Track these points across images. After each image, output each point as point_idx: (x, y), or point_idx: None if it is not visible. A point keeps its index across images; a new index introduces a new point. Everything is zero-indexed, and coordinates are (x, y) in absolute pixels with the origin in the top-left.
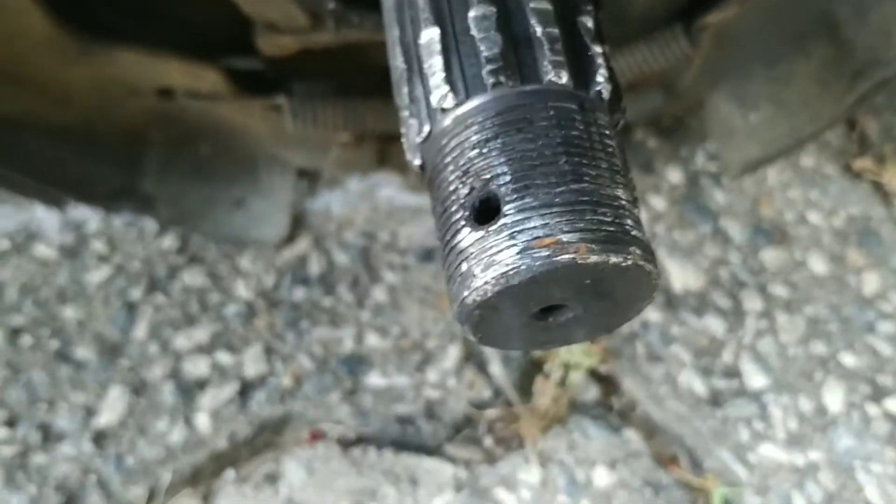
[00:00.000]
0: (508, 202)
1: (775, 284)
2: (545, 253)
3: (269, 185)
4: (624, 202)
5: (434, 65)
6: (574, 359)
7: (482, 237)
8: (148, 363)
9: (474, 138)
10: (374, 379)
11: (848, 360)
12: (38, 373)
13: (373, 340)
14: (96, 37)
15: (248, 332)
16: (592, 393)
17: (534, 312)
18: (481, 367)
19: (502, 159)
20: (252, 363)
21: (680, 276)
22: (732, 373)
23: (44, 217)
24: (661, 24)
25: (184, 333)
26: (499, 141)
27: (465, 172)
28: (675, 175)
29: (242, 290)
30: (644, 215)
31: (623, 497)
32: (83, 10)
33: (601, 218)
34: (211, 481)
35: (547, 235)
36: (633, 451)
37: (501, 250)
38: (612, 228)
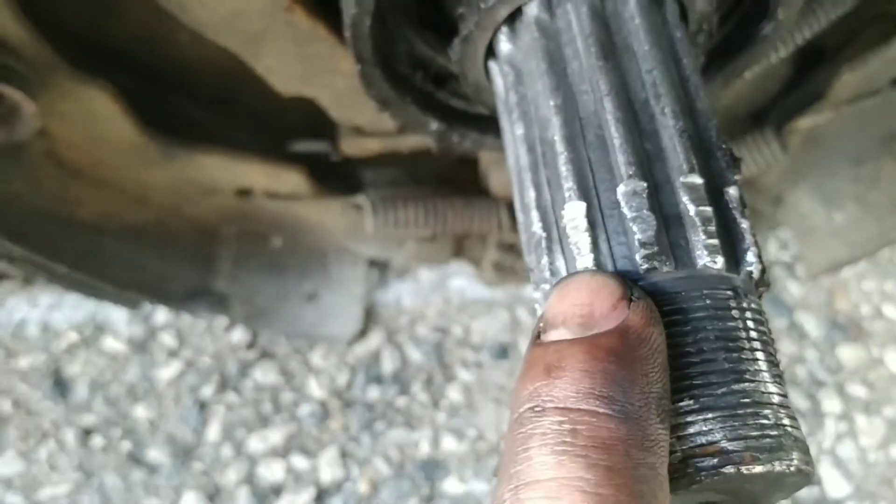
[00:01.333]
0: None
1: (853, 384)
2: (710, 463)
3: (341, 278)
4: (781, 398)
5: (581, 242)
6: None
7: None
8: (222, 467)
9: None
10: (452, 485)
11: None
12: (111, 476)
13: (449, 444)
14: (180, 141)
15: (323, 433)
16: None
17: None
18: None
19: None
20: (328, 467)
21: None
22: (812, 480)
23: (112, 308)
24: (746, 119)
25: (258, 435)
26: None
27: None
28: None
29: (315, 388)
30: None
31: None
32: (163, 105)
33: (763, 422)
34: None
35: (710, 443)
36: None
37: None
38: (774, 433)
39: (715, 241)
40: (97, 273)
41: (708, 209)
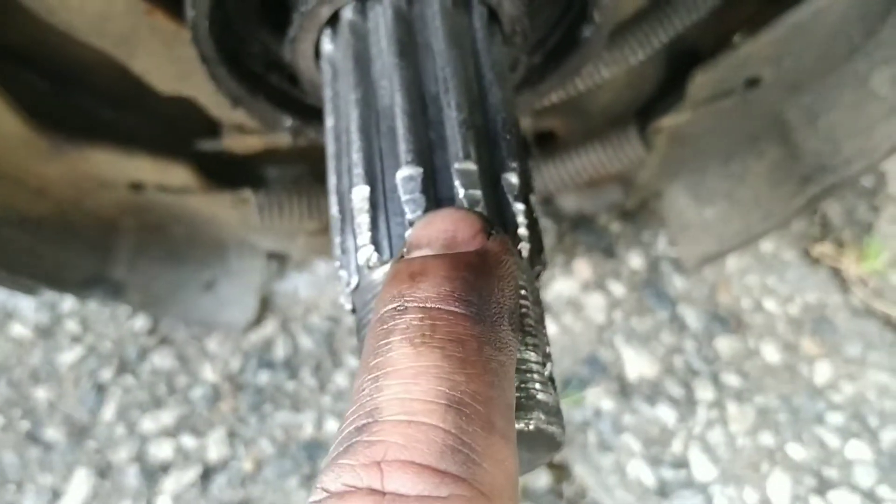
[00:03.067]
0: None
1: (728, 374)
2: None
3: (239, 268)
4: (532, 365)
5: (362, 222)
6: None
7: None
8: (114, 445)
9: None
10: None
11: (795, 451)
12: (8, 454)
13: (332, 426)
14: (70, 135)
15: (213, 415)
16: (544, 480)
17: None
18: None
19: None
20: (215, 447)
21: (635, 363)
22: (681, 463)
23: (20, 297)
24: (623, 120)
25: (151, 416)
26: None
27: None
28: (635, 260)
29: (209, 372)
30: (603, 301)
31: None
32: (56, 100)
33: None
34: None
35: None
36: None
37: None
38: (517, 394)
39: None
40: None
41: (477, 192)
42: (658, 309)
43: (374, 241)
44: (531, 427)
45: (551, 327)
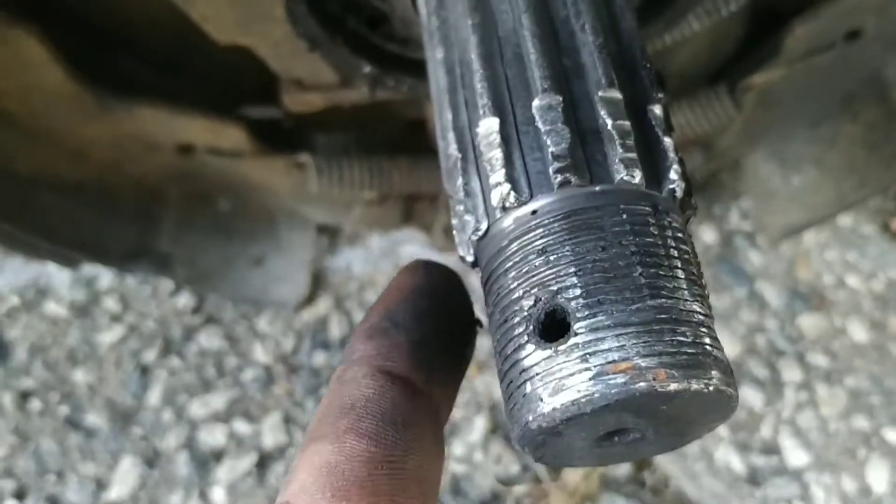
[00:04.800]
0: (580, 319)
1: (814, 353)
2: (621, 379)
3: (289, 243)
4: (702, 317)
5: (494, 158)
6: None
7: (549, 357)
8: (162, 432)
9: (539, 243)
10: None
11: (892, 435)
12: (47, 441)
13: None
14: (117, 92)
15: (267, 399)
16: (624, 468)
17: (601, 435)
18: (509, 439)
19: (571, 269)
20: (270, 433)
21: None
22: (771, 449)
23: (54, 272)
24: (702, 82)
25: (199, 400)
26: (567, 248)
27: (529, 281)
28: (708, 235)
29: (261, 353)
30: None
31: None
32: (104, 62)
33: (681, 339)
34: None
35: (623, 359)
36: None
37: (573, 374)
38: (692, 350)
39: (633, 156)
40: (31, 228)
41: (626, 123)
42: (735, 286)
43: (511, 179)
44: (710, 388)
45: None
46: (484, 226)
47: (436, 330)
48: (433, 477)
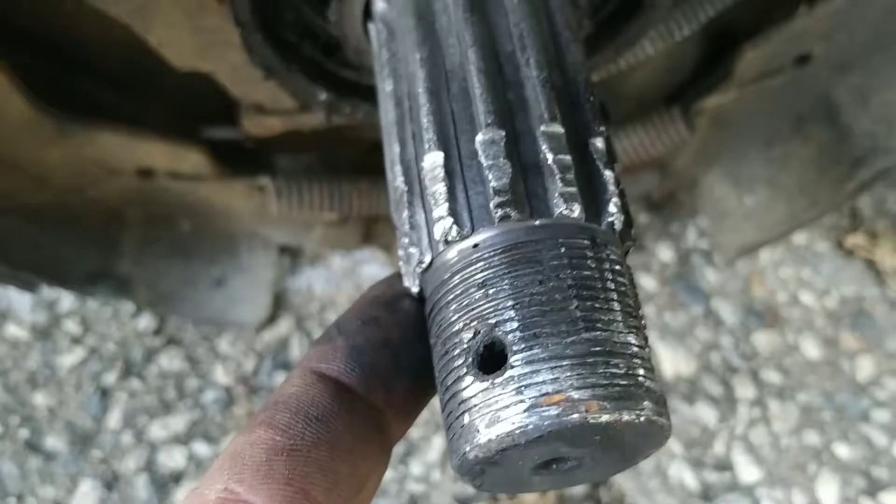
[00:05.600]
0: (516, 352)
1: (768, 370)
2: (554, 412)
3: (250, 264)
4: (636, 348)
5: (438, 192)
6: None
7: (487, 389)
8: (121, 454)
9: (480, 276)
10: None
11: (842, 451)
12: (7, 464)
13: None
14: (77, 117)
15: (227, 420)
16: (580, 487)
17: (539, 463)
18: None
19: (510, 303)
20: None
21: (671, 361)
22: (724, 465)
23: (15, 295)
24: (660, 103)
25: (159, 422)
26: (506, 282)
27: (469, 314)
28: (665, 253)
29: (221, 375)
30: None
31: None
32: (65, 86)
33: (614, 370)
34: None
35: (556, 392)
36: None
37: (508, 406)
38: (625, 382)
39: (573, 190)
40: None
41: (567, 158)
42: (692, 304)
43: (453, 213)
44: (642, 419)
45: None
46: (427, 258)
47: (382, 338)
48: (357, 474)
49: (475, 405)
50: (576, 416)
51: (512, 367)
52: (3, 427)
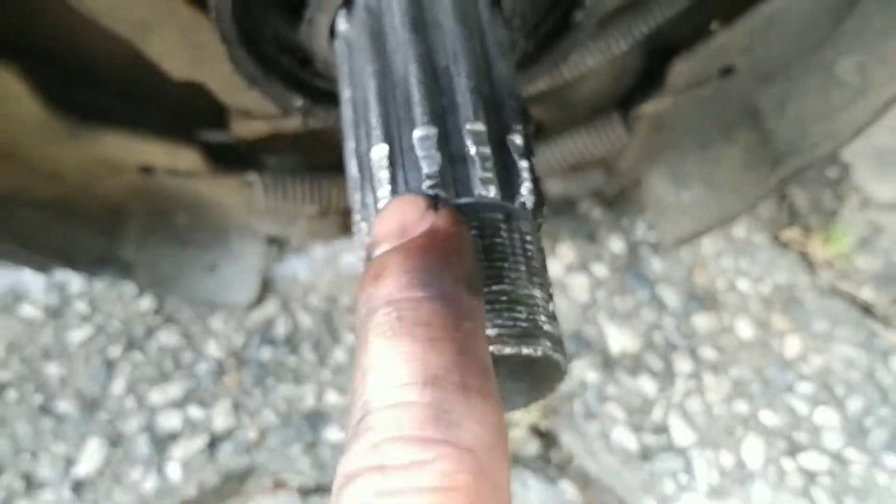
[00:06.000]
0: None
1: (704, 348)
2: None
3: (241, 252)
4: (539, 300)
5: (382, 177)
6: (516, 416)
7: None
8: (124, 417)
9: None
10: (333, 433)
11: (767, 418)
12: (22, 425)
13: (332, 398)
14: (84, 120)
15: (218, 388)
16: (533, 447)
17: None
18: None
19: None
20: (221, 417)
21: (618, 339)
22: (661, 429)
23: (30, 280)
24: (604, 110)
25: (159, 389)
26: None
27: None
28: (616, 245)
29: (214, 349)
30: (586, 282)
31: None
32: (74, 94)
33: (517, 315)
34: None
35: None
36: (568, 502)
37: None
38: (525, 325)
39: (490, 175)
40: (8, 238)
41: (487, 150)
42: (638, 289)
43: (394, 193)
44: (538, 353)
45: None
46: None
47: None
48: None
49: None
50: None
51: None
52: (19, 394)
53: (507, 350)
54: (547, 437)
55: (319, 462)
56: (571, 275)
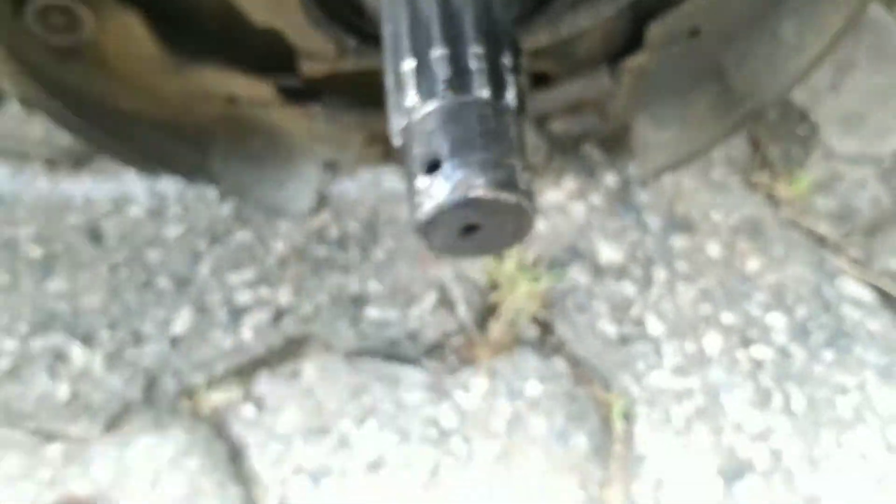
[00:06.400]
0: (445, 162)
1: (679, 262)
2: (462, 191)
3: (303, 171)
4: (518, 167)
5: (409, 84)
6: (520, 306)
7: (429, 181)
8: (209, 292)
9: (429, 126)
10: (373, 312)
11: (726, 318)
12: (131, 295)
13: (373, 286)
14: (187, 58)
15: (282, 274)
16: (532, 332)
17: (461, 230)
18: (451, 308)
19: (444, 138)
20: (284, 296)
21: (606, 252)
22: (638, 322)
23: (136, 188)
24: (596, 63)
25: (236, 273)
26: (443, 128)
27: (423, 149)
28: (611, 179)
29: (280, 245)
30: (583, 208)
31: (548, 404)
32: (178, 37)
33: (500, 173)
34: (251, 376)
35: (465, 181)
36: (559, 373)
37: (441, 190)
38: (505, 180)
39: (485, 80)
40: (130, 147)
41: (484, 66)
42: (626, 215)
43: (419, 93)
44: (513, 201)
45: (542, 224)
46: (404, 122)
47: None
48: None
49: (423, 191)
50: (474, 193)
51: (443, 170)
52: (129, 272)
53: (490, 195)
54: (544, 326)
55: (361, 334)
56: (572, 202)
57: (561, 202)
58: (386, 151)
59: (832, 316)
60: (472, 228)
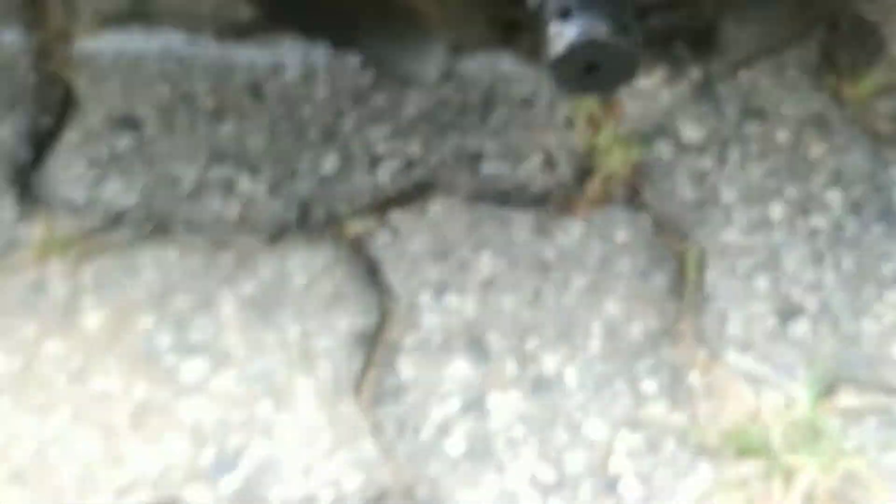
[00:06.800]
0: (575, 11)
1: (751, 144)
2: (588, 33)
3: (433, 49)
4: (630, 20)
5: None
6: (613, 171)
7: (562, 26)
8: (352, 143)
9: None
10: (488, 167)
11: (790, 192)
12: (287, 141)
13: (489, 145)
14: None
15: (413, 132)
16: (622, 193)
17: (584, 68)
18: (554, 168)
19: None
20: (414, 149)
21: (688, 132)
22: (713, 190)
23: (290, 56)
24: None
25: (374, 128)
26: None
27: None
28: (695, 73)
29: (411, 109)
30: (670, 94)
31: (633, 248)
32: None
33: (616, 25)
34: (386, 210)
35: (591, 28)
36: (644, 226)
37: (571, 31)
38: (620, 30)
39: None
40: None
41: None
42: (706, 104)
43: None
44: (624, 46)
45: (634, 104)
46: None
47: None
48: None
49: (558, 33)
50: (597, 36)
51: (573, 16)
52: (286, 123)
53: (611, 40)
54: (633, 188)
55: (478, 183)
56: (660, 89)
57: (651, 88)
58: (503, 36)
59: (883, 197)
60: (593, 68)
